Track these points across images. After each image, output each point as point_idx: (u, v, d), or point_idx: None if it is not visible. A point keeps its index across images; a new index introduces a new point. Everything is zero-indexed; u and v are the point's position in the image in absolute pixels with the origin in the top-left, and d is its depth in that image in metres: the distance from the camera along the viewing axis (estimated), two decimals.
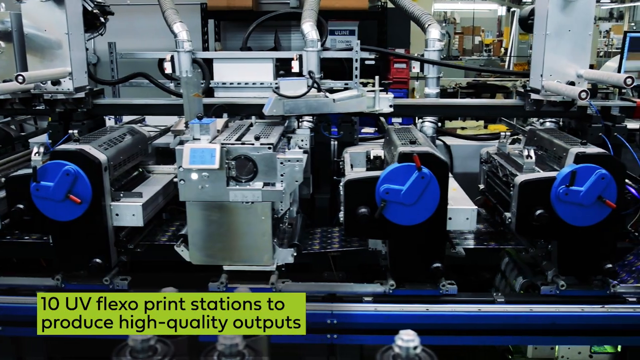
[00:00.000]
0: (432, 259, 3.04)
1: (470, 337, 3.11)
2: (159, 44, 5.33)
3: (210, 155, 2.96)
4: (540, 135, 3.49)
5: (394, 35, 6.37)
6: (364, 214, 2.92)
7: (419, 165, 2.85)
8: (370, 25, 6.48)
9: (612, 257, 3.07)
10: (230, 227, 3.07)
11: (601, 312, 3.06)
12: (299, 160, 3.06)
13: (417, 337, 1.12)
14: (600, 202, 2.92)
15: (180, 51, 4.14)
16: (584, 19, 3.48)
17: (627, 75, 3.05)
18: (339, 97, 3.60)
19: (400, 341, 1.10)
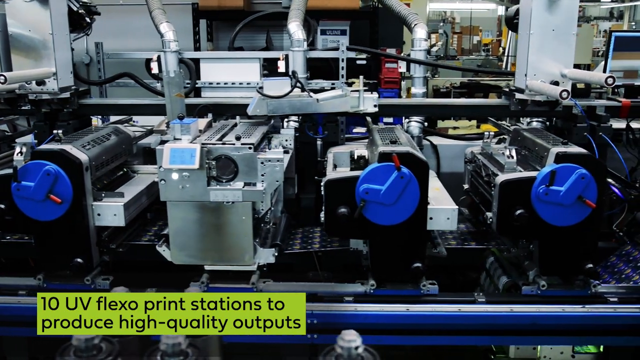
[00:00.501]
0: (412, 259, 3.04)
1: (451, 337, 3.11)
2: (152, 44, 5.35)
3: (190, 155, 2.96)
4: (523, 135, 3.48)
5: (386, 35, 6.36)
6: (344, 214, 2.92)
7: (398, 165, 2.85)
8: (362, 25, 6.48)
9: (593, 257, 3.06)
10: (211, 227, 3.07)
11: (582, 312, 3.05)
12: (279, 160, 3.05)
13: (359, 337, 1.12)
14: (581, 202, 2.91)
15: (166, 51, 4.14)
16: (568, 19, 3.48)
17: (608, 75, 3.05)
18: (322, 97, 3.60)
19: (342, 341, 1.10)
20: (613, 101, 3.91)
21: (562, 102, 3.68)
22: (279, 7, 6.16)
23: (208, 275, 3.21)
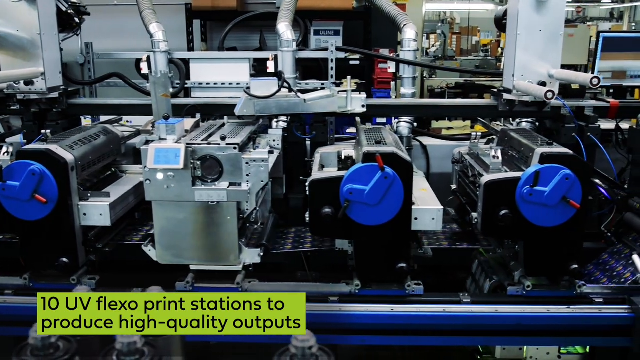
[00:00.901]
0: (397, 259, 3.04)
1: (436, 337, 3.10)
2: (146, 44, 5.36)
3: (174, 155, 2.97)
4: (511, 135, 3.48)
5: (380, 36, 6.36)
6: (328, 214, 2.92)
7: (381, 166, 2.85)
8: (356, 26, 6.48)
9: (578, 258, 3.05)
10: (196, 227, 3.08)
11: (567, 313, 3.04)
12: (264, 160, 3.06)
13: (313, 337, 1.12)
14: (565, 202, 2.91)
15: (156, 51, 4.15)
16: (555, 19, 3.49)
17: (593, 75, 3.05)
18: (310, 98, 3.60)
19: (296, 341, 1.10)
20: (602, 102, 3.91)
21: (551, 102, 3.69)
22: (273, 7, 6.18)
23: (193, 275, 3.21)
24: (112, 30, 6.38)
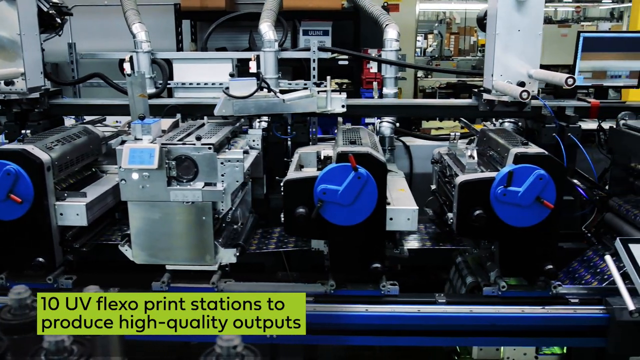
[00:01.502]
0: (371, 260, 3.03)
1: (411, 337, 3.10)
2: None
3: (149, 155, 2.97)
4: (489, 135, 3.48)
5: (369, 36, 6.34)
6: (302, 214, 2.92)
7: (354, 166, 2.85)
8: (346, 26, 6.48)
9: (553, 258, 3.04)
10: (171, 226, 3.09)
11: (542, 314, 3.03)
12: (239, 161, 3.07)
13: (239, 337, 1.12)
14: (539, 202, 2.90)
15: (138, 52, 4.16)
16: (534, 19, 3.48)
17: (568, 75, 3.04)
18: (289, 98, 3.60)
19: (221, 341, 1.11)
20: (582, 102, 3.90)
21: (531, 102, 3.69)
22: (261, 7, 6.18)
23: (169, 274, 3.22)
24: (102, 30, 6.40)
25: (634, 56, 3.79)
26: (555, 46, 8.55)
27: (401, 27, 8.33)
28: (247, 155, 3.42)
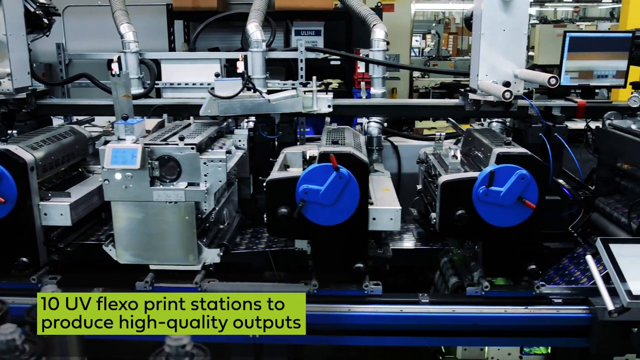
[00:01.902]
0: (354, 260, 3.03)
1: (394, 337, 3.10)
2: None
3: (131, 155, 2.98)
4: (474, 135, 3.47)
5: (362, 35, 6.32)
6: (284, 214, 2.92)
7: (335, 166, 2.85)
8: (338, 26, 6.48)
9: (536, 258, 3.04)
10: (155, 227, 3.09)
11: (524, 314, 3.03)
12: (222, 161, 3.08)
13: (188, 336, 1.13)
14: (521, 202, 2.90)
15: (127, 52, 4.16)
16: (519, 19, 3.47)
17: (551, 75, 3.04)
18: (274, 98, 3.61)
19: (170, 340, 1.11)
20: (569, 102, 3.89)
21: (517, 102, 3.68)
22: None
23: (153, 274, 3.22)
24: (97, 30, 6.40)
25: (620, 56, 3.79)
26: (551, 46, 8.54)
27: (396, 27, 8.42)
28: (231, 155, 3.43)
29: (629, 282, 2.57)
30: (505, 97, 3.11)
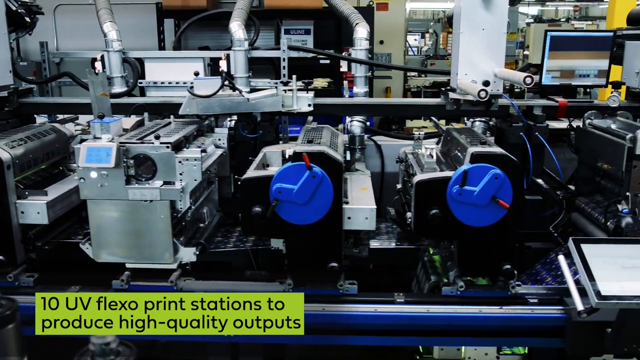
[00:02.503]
0: (328, 259, 3.03)
1: (368, 337, 3.10)
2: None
3: (106, 154, 2.98)
4: (452, 135, 3.47)
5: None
6: (258, 213, 2.92)
7: (308, 165, 2.85)
8: (329, 25, 6.48)
9: (510, 258, 3.03)
10: (130, 225, 3.09)
11: (499, 314, 3.03)
12: (197, 159, 3.08)
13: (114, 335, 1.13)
14: (495, 202, 2.89)
15: (110, 51, 4.17)
16: (498, 18, 3.45)
17: (526, 74, 3.03)
18: (253, 97, 3.60)
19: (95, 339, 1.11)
20: (551, 101, 3.88)
21: (498, 101, 3.67)
22: None
23: (129, 273, 3.23)
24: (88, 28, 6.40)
25: (602, 55, 3.77)
26: None
27: (390, 26, 8.40)
28: (209, 154, 3.43)
29: (599, 282, 2.56)
30: (480, 96, 3.10)
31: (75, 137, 3.83)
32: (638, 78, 3.49)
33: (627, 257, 2.69)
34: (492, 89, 3.48)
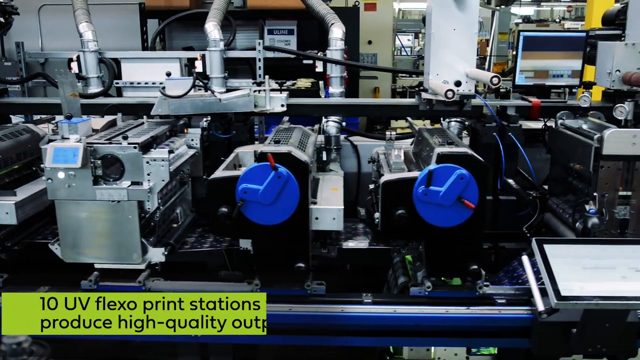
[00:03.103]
0: (295, 259, 3.03)
1: (336, 337, 3.09)
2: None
3: (72, 154, 2.98)
4: (423, 135, 3.47)
5: None
6: (224, 213, 2.92)
7: (273, 165, 2.85)
8: (312, 25, 6.46)
9: (477, 258, 3.03)
10: (98, 225, 3.09)
11: (466, 314, 3.02)
12: (164, 160, 3.08)
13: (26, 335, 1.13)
14: (461, 202, 2.89)
15: (85, 51, 4.17)
16: (469, 18, 3.45)
17: (493, 75, 3.03)
18: (225, 97, 3.61)
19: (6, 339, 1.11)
20: (524, 101, 3.88)
21: (470, 101, 3.67)
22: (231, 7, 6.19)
23: (98, 273, 3.23)
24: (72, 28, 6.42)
25: (575, 55, 3.77)
26: None
27: (378, 26, 8.39)
28: (179, 154, 3.42)
29: (559, 282, 2.56)
30: (447, 96, 3.10)
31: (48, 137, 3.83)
32: (609, 78, 3.49)
33: (589, 257, 2.69)
34: (463, 89, 3.50)
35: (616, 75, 3.48)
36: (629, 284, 2.58)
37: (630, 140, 2.97)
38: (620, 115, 3.03)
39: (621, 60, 3.46)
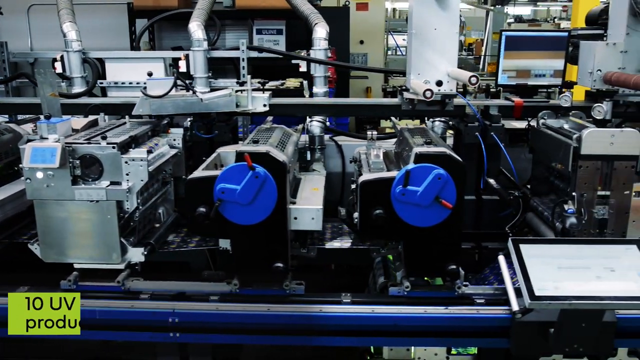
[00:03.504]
0: (274, 259, 3.03)
1: (316, 337, 3.09)
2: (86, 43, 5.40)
3: (50, 154, 2.97)
4: (404, 134, 3.46)
5: None
6: (202, 213, 2.92)
7: (250, 165, 2.85)
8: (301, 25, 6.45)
9: (455, 258, 3.02)
10: (77, 225, 3.08)
11: (444, 314, 3.02)
12: (142, 160, 3.07)
13: None
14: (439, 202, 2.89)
15: (69, 51, 4.17)
16: (450, 18, 3.45)
17: (472, 74, 3.04)
18: (207, 97, 3.60)
19: None
20: (507, 101, 3.88)
21: (453, 101, 3.67)
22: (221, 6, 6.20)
23: (77, 273, 3.22)
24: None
25: (557, 55, 3.77)
26: None
27: (370, 26, 8.39)
28: (160, 154, 3.42)
29: (534, 282, 2.56)
30: (425, 95, 3.10)
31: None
32: (591, 78, 3.49)
33: (565, 257, 2.69)
34: (445, 89, 3.50)
35: (597, 74, 3.48)
36: (604, 284, 2.58)
37: (609, 140, 2.97)
38: (598, 115, 3.03)
39: (602, 60, 3.47)
